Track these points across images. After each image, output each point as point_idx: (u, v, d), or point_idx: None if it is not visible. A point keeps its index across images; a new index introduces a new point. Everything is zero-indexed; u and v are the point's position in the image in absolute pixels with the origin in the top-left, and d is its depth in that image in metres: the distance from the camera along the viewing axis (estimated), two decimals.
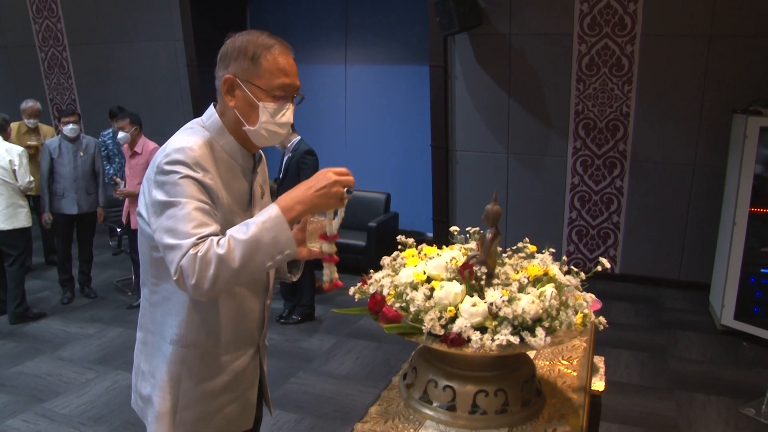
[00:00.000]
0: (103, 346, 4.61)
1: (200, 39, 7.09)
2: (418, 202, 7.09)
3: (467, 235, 1.73)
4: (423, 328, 1.38)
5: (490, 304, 1.39)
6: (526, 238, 1.71)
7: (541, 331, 1.36)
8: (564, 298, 1.47)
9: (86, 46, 7.90)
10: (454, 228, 1.75)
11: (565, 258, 1.67)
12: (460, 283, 1.46)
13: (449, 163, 6.50)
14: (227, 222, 1.51)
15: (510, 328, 1.36)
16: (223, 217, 1.51)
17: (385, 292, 1.48)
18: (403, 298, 1.44)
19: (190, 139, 1.51)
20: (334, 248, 1.56)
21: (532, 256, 1.65)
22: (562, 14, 5.70)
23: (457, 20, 5.41)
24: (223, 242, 1.39)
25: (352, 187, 1.47)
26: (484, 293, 1.44)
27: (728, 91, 5.36)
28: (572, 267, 1.62)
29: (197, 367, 1.61)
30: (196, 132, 1.57)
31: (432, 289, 1.45)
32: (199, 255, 1.37)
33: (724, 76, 5.39)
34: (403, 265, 1.60)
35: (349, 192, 1.46)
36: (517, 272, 1.55)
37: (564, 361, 1.87)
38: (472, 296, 1.43)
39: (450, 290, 1.42)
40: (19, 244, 4.98)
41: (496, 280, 1.51)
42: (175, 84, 7.49)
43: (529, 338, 1.36)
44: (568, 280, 1.54)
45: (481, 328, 1.38)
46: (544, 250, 1.66)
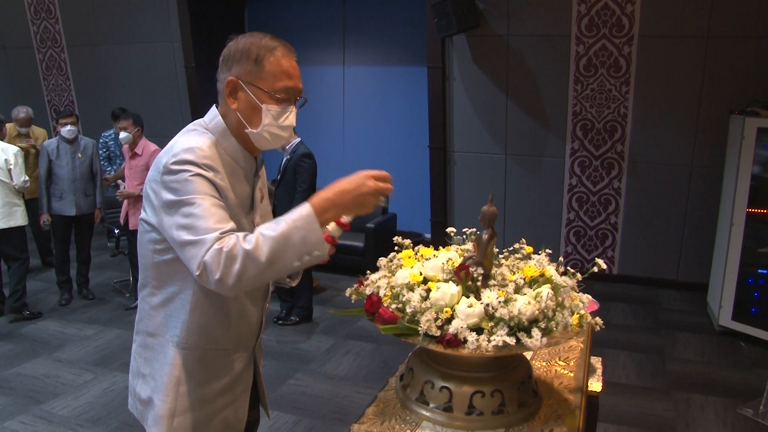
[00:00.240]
0: (101, 348, 4.61)
1: (198, 40, 7.08)
2: (416, 204, 7.09)
3: (464, 236, 1.73)
4: (419, 329, 1.38)
5: (487, 305, 1.39)
6: (523, 239, 1.71)
7: (537, 332, 1.36)
8: (560, 299, 1.48)
9: (84, 48, 7.90)
10: (450, 229, 1.75)
11: (561, 259, 1.67)
12: (457, 284, 1.46)
13: (447, 164, 6.50)
14: None
15: (506, 329, 1.37)
16: None
17: (382, 294, 1.49)
18: (400, 299, 1.44)
19: (198, 139, 1.50)
20: (341, 232, 1.53)
21: (528, 257, 1.66)
22: (560, 15, 5.70)
23: (454, 21, 5.42)
24: (251, 238, 1.37)
25: (389, 194, 1.47)
26: (481, 294, 1.44)
27: (726, 92, 5.37)
28: (569, 268, 1.62)
29: (198, 370, 1.60)
30: (201, 133, 1.55)
31: (428, 290, 1.45)
32: (225, 250, 1.34)
33: (721, 77, 5.40)
34: (400, 266, 1.60)
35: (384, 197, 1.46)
36: (514, 273, 1.55)
37: (561, 362, 1.87)
38: (468, 297, 1.43)
39: (446, 291, 1.42)
40: (17, 243, 5.11)
41: (492, 281, 1.51)
42: (173, 85, 7.49)
43: (526, 339, 1.36)
44: (564, 281, 1.54)
45: (478, 329, 1.38)
46: (541, 251, 1.66)
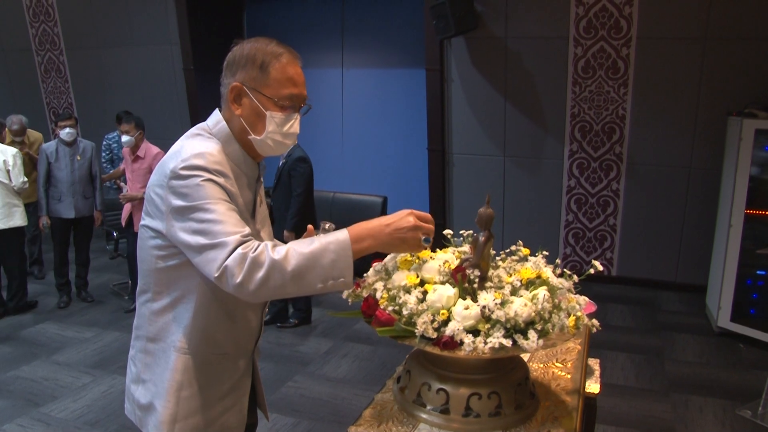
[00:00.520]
0: (99, 351, 4.61)
1: (197, 43, 7.09)
2: (415, 206, 6.94)
3: (461, 238, 1.73)
4: (416, 331, 1.38)
5: (483, 307, 1.39)
6: (520, 241, 1.71)
7: (533, 334, 1.36)
8: (557, 300, 1.48)
9: (83, 50, 7.91)
10: (447, 231, 1.75)
11: (558, 261, 1.67)
12: (453, 287, 1.46)
13: (446, 166, 6.50)
14: None
15: (502, 331, 1.37)
16: None
17: (378, 296, 1.49)
18: (396, 301, 1.44)
19: (207, 145, 1.49)
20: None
21: (525, 259, 1.66)
22: (558, 17, 5.71)
23: (453, 24, 5.43)
24: (281, 249, 1.36)
25: (431, 236, 1.45)
26: (477, 296, 1.44)
27: (723, 94, 5.38)
28: (565, 270, 1.62)
29: (199, 375, 1.60)
30: (207, 139, 1.54)
31: (425, 293, 1.45)
32: (251, 255, 1.33)
33: (719, 79, 5.41)
34: (397, 268, 1.60)
35: (428, 241, 1.44)
36: (510, 275, 1.55)
37: (558, 364, 1.87)
38: (465, 299, 1.43)
39: (443, 293, 1.42)
40: (16, 243, 5.24)
41: (489, 283, 1.51)
42: (172, 88, 7.49)
43: (522, 341, 1.36)
44: (561, 282, 1.54)
45: (474, 331, 1.38)
46: (537, 253, 1.66)
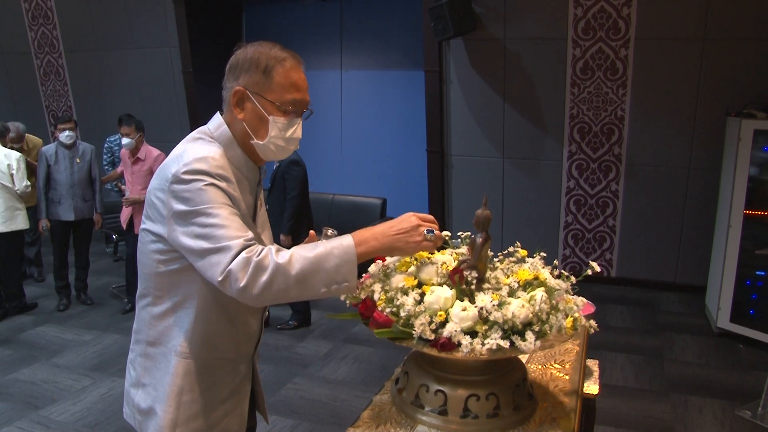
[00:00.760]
0: (99, 353, 4.61)
1: (196, 45, 7.09)
2: (414, 207, 6.98)
3: (459, 240, 1.74)
4: (413, 332, 1.38)
5: (480, 309, 1.39)
6: (517, 243, 1.71)
7: (531, 336, 1.36)
8: (554, 302, 1.48)
9: (82, 53, 7.92)
10: (445, 233, 1.75)
11: (556, 262, 1.67)
12: (451, 288, 1.46)
13: (445, 167, 6.50)
14: None
15: (500, 333, 1.37)
16: None
17: (376, 297, 1.49)
18: (394, 303, 1.45)
19: (209, 149, 1.48)
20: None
21: (522, 261, 1.66)
22: (557, 19, 5.72)
23: (451, 25, 5.43)
24: (285, 253, 1.36)
25: (435, 231, 1.48)
26: (475, 298, 1.44)
27: (722, 94, 5.39)
28: (563, 271, 1.62)
29: (200, 379, 1.59)
30: (209, 143, 1.53)
31: (422, 294, 1.45)
32: (255, 259, 1.33)
33: (717, 80, 5.41)
34: (395, 270, 1.60)
35: (431, 232, 1.46)
36: (508, 276, 1.56)
37: (556, 365, 1.88)
38: (462, 301, 1.43)
39: (440, 295, 1.42)
40: (17, 247, 5.27)
41: (486, 285, 1.52)
42: (171, 90, 7.50)
43: (519, 342, 1.36)
44: (558, 284, 1.54)
45: (472, 333, 1.38)
46: (535, 254, 1.66)
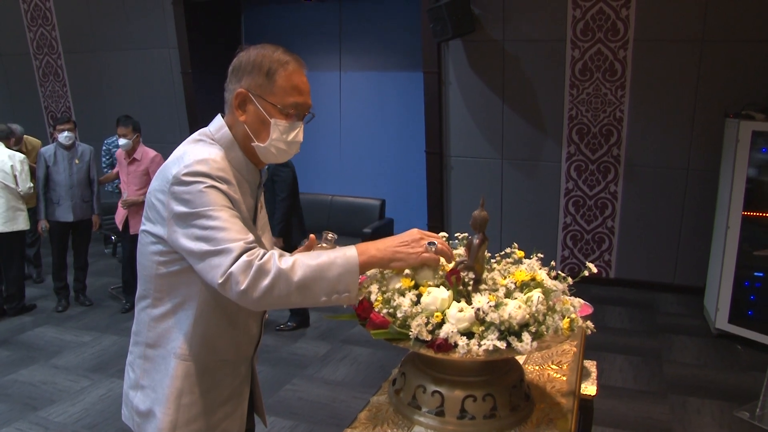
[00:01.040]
0: (97, 354, 4.61)
1: (195, 46, 7.10)
2: (413, 208, 7.10)
3: (456, 241, 1.74)
4: (410, 333, 1.39)
5: (477, 310, 1.39)
6: (515, 244, 1.71)
7: (527, 336, 1.36)
8: (551, 303, 1.48)
9: (81, 54, 7.92)
10: (442, 234, 1.76)
11: (553, 263, 1.67)
12: (448, 289, 1.46)
13: (444, 168, 6.51)
14: None
15: (497, 333, 1.37)
16: None
17: (373, 298, 1.49)
18: (391, 304, 1.45)
19: (210, 151, 1.48)
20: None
21: (519, 262, 1.66)
22: (555, 20, 5.73)
23: (450, 27, 5.43)
24: (288, 259, 1.37)
25: (436, 243, 1.49)
26: (472, 299, 1.44)
27: (721, 96, 5.39)
28: (560, 272, 1.62)
29: (199, 382, 1.59)
30: (210, 145, 1.53)
31: (419, 295, 1.46)
32: (257, 263, 1.33)
33: (716, 81, 5.42)
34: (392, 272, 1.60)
35: (432, 244, 1.48)
36: (505, 277, 1.56)
37: (554, 366, 1.88)
38: (459, 302, 1.44)
39: (437, 296, 1.42)
40: (17, 247, 5.28)
41: (483, 286, 1.52)
42: (170, 91, 7.50)
43: (516, 343, 1.36)
44: (555, 285, 1.54)
45: (468, 334, 1.38)
46: (532, 256, 1.66)
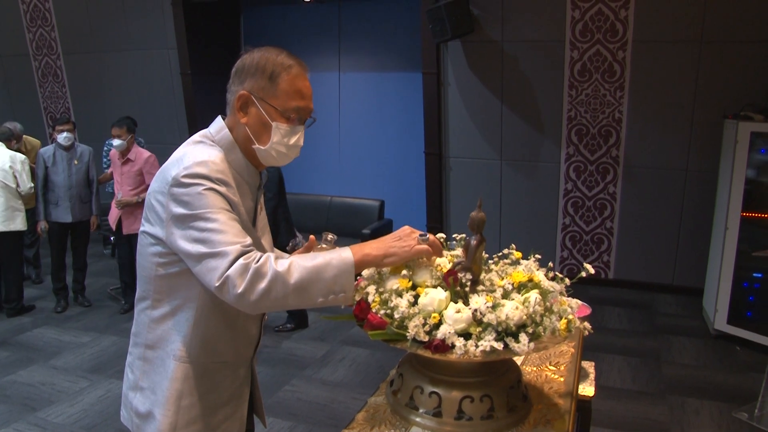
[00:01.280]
0: (96, 355, 4.60)
1: (194, 47, 7.10)
2: (412, 209, 7.10)
3: (454, 242, 1.74)
4: (407, 334, 1.39)
5: (474, 311, 1.39)
6: (513, 245, 1.72)
7: (524, 337, 1.36)
8: (548, 304, 1.48)
9: (80, 55, 7.92)
10: (440, 234, 1.76)
11: (551, 264, 1.67)
12: (445, 290, 1.47)
13: (443, 169, 6.51)
14: None
15: (494, 334, 1.37)
16: None
17: (371, 299, 1.49)
18: (388, 305, 1.45)
19: (210, 152, 1.48)
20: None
21: (517, 263, 1.66)
22: (554, 21, 5.73)
23: (449, 27, 5.44)
24: (284, 262, 1.37)
25: (427, 235, 1.51)
26: (469, 300, 1.44)
27: (719, 97, 5.40)
28: (557, 273, 1.62)
29: (199, 383, 1.59)
30: (209, 146, 1.53)
31: (417, 296, 1.46)
32: (254, 266, 1.34)
33: (715, 82, 5.42)
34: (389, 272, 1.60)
35: (424, 236, 1.49)
36: (502, 278, 1.56)
37: (551, 367, 1.88)
38: (456, 303, 1.44)
39: (434, 297, 1.42)
40: (14, 247, 5.29)
41: (480, 287, 1.52)
42: (169, 92, 7.50)
43: (513, 344, 1.36)
44: (552, 286, 1.54)
45: (465, 335, 1.38)
46: (530, 256, 1.66)
